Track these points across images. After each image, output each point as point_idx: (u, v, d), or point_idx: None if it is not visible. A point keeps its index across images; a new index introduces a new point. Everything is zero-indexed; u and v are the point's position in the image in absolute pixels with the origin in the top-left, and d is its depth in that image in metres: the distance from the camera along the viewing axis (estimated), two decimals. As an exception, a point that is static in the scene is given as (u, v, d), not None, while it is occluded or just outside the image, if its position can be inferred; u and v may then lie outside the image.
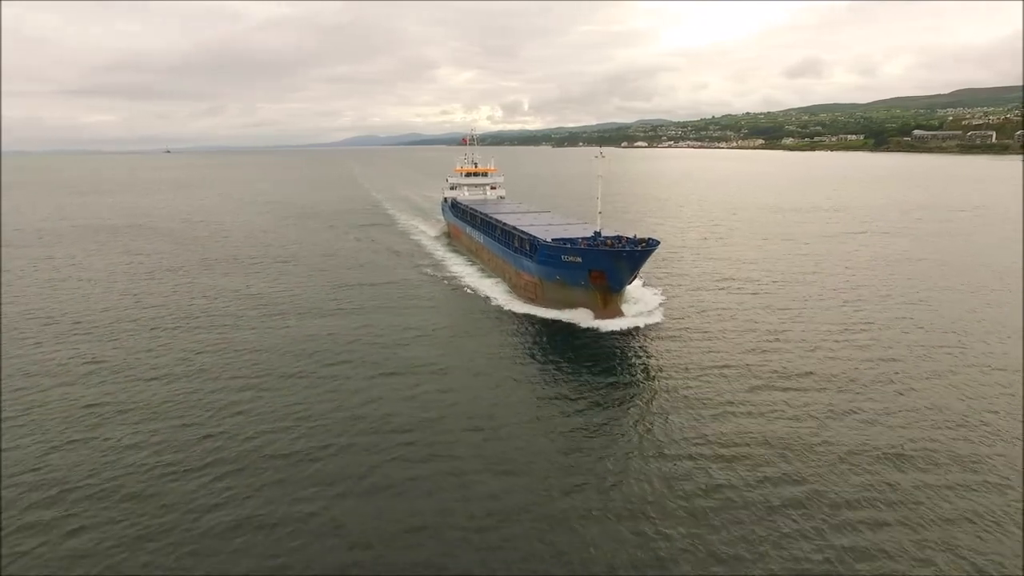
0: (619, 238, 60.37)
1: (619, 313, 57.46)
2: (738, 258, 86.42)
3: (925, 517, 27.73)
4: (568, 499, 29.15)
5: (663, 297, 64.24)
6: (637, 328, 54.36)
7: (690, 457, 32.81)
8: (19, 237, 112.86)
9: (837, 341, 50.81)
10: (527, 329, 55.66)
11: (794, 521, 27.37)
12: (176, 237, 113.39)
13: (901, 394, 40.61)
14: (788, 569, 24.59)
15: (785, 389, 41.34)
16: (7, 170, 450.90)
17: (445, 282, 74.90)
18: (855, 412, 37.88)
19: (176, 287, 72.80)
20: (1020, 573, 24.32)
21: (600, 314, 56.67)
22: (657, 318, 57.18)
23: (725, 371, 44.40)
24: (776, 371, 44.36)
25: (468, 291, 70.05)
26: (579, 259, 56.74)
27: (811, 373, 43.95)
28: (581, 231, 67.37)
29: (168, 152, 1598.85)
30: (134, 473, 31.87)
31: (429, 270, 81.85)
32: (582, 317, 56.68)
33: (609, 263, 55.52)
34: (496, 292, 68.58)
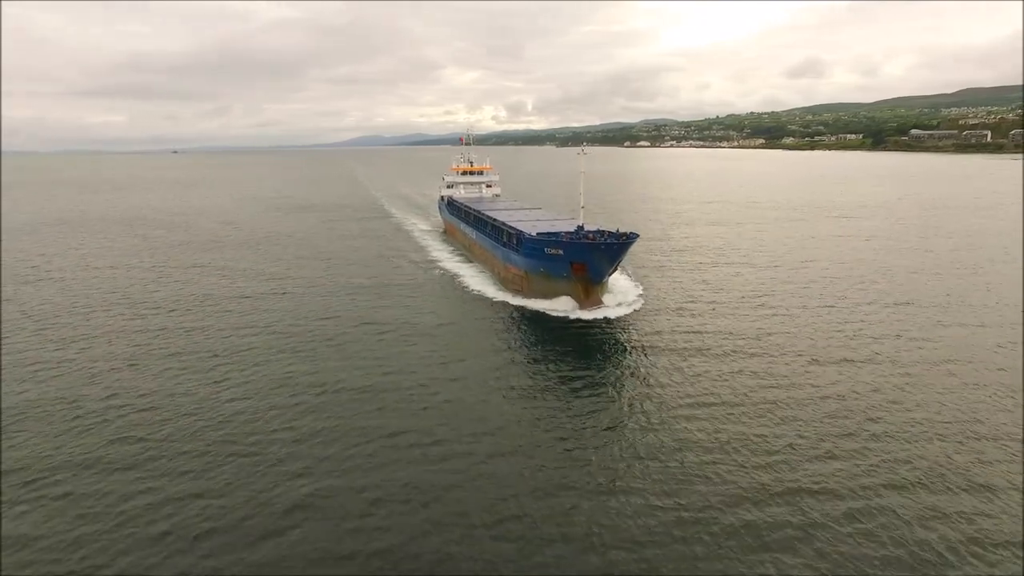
0: (601, 232, 63.29)
1: (600, 303, 60.50)
2: (720, 255, 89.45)
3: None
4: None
5: (642, 288, 67.18)
6: (617, 317, 57.28)
7: (658, 428, 35.86)
8: (45, 228, 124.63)
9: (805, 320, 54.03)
10: (510, 316, 58.90)
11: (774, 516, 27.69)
12: (188, 229, 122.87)
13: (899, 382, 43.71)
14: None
15: (756, 369, 44.37)
16: (15, 170, 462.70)
17: (436, 273, 78.75)
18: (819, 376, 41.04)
19: (193, 266, 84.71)
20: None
21: (582, 304, 59.78)
22: (636, 307, 60.09)
23: (696, 355, 47.60)
24: (747, 350, 47.60)
25: (457, 281, 73.58)
26: (561, 252, 59.70)
27: (780, 347, 47.34)
28: (567, 226, 69.98)
29: (175, 152, 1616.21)
30: (166, 386, 43.15)
31: (421, 261, 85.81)
32: (565, 307, 59.83)
33: (589, 255, 58.54)
34: (484, 282, 71.94)
